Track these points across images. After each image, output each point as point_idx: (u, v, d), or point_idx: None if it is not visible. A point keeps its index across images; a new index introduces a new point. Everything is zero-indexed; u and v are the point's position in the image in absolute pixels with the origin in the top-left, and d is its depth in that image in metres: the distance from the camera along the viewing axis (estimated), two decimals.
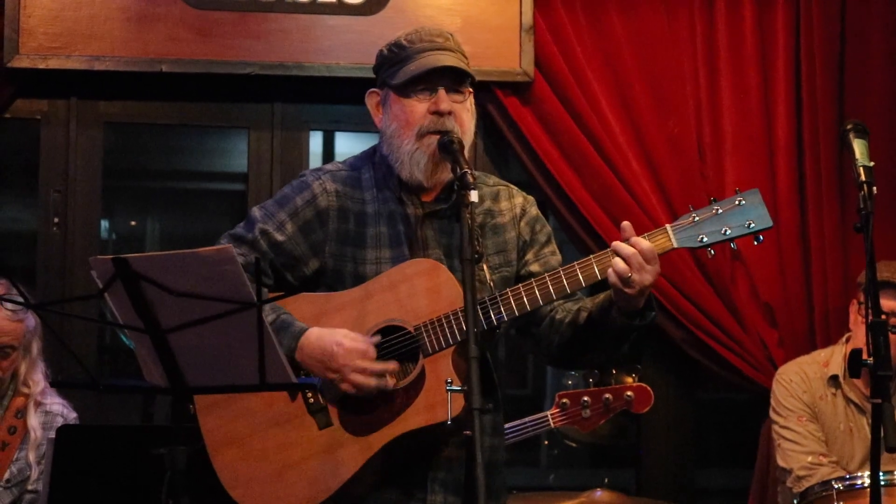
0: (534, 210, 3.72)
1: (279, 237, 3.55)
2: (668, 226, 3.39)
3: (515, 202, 3.70)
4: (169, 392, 3.11)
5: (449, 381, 3.29)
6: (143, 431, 4.55)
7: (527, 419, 4.97)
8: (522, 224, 3.67)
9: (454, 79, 3.52)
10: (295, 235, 3.55)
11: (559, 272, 3.40)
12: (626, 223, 3.37)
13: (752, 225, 3.36)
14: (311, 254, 3.56)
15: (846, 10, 5.79)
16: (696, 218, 3.38)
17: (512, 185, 3.76)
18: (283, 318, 3.44)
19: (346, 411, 3.44)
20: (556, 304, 3.55)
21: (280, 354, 3.02)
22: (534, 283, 3.40)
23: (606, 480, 5.57)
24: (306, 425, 3.45)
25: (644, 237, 3.35)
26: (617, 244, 3.34)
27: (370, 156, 3.67)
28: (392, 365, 3.40)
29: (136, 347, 3.10)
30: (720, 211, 3.37)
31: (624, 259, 3.30)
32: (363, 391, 3.38)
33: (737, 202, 3.37)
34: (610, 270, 3.32)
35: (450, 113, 3.48)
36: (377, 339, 3.42)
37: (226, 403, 3.50)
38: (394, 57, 3.54)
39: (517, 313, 3.40)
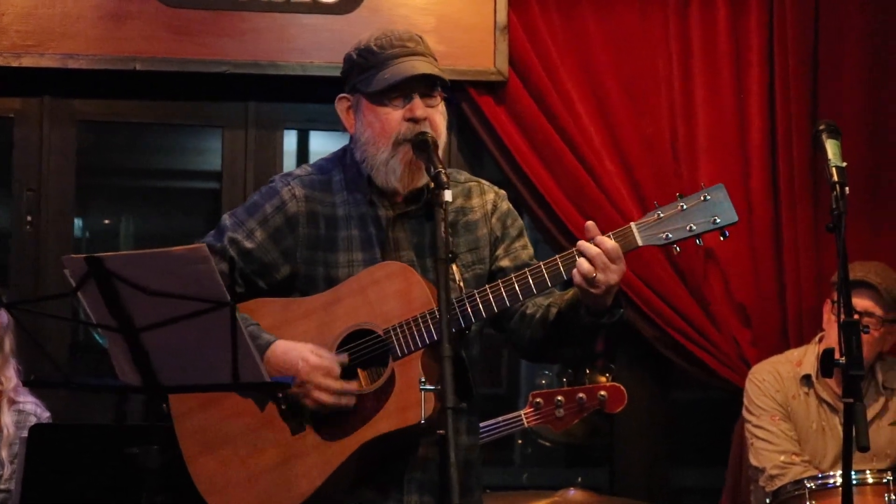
0: (505, 205, 3.70)
1: (248, 245, 3.53)
2: (632, 224, 3.35)
3: (487, 198, 3.67)
4: (142, 391, 3.11)
5: (422, 380, 3.29)
6: (116, 431, 4.53)
7: (500, 419, 4.97)
8: (494, 220, 3.65)
9: (428, 84, 3.50)
10: (265, 242, 3.54)
11: (525, 273, 3.37)
12: (589, 223, 3.34)
13: (718, 220, 3.31)
14: (283, 260, 3.55)
15: (820, 10, 5.79)
16: (661, 215, 3.34)
17: (483, 181, 3.73)
18: (250, 330, 3.40)
19: (318, 417, 3.43)
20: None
21: (254, 354, 3.02)
22: (500, 284, 3.38)
23: (580, 479, 5.58)
24: (279, 431, 3.45)
25: (608, 236, 3.31)
26: (581, 244, 3.30)
27: (340, 157, 3.65)
28: (353, 385, 3.39)
29: (109, 346, 3.09)
30: (685, 207, 3.33)
31: (588, 259, 3.27)
32: (324, 408, 3.39)
33: (702, 198, 3.33)
34: (574, 271, 3.28)
35: (425, 119, 3.46)
36: (344, 357, 3.41)
37: (200, 411, 3.50)
38: (364, 63, 3.50)
39: (485, 315, 3.39)
